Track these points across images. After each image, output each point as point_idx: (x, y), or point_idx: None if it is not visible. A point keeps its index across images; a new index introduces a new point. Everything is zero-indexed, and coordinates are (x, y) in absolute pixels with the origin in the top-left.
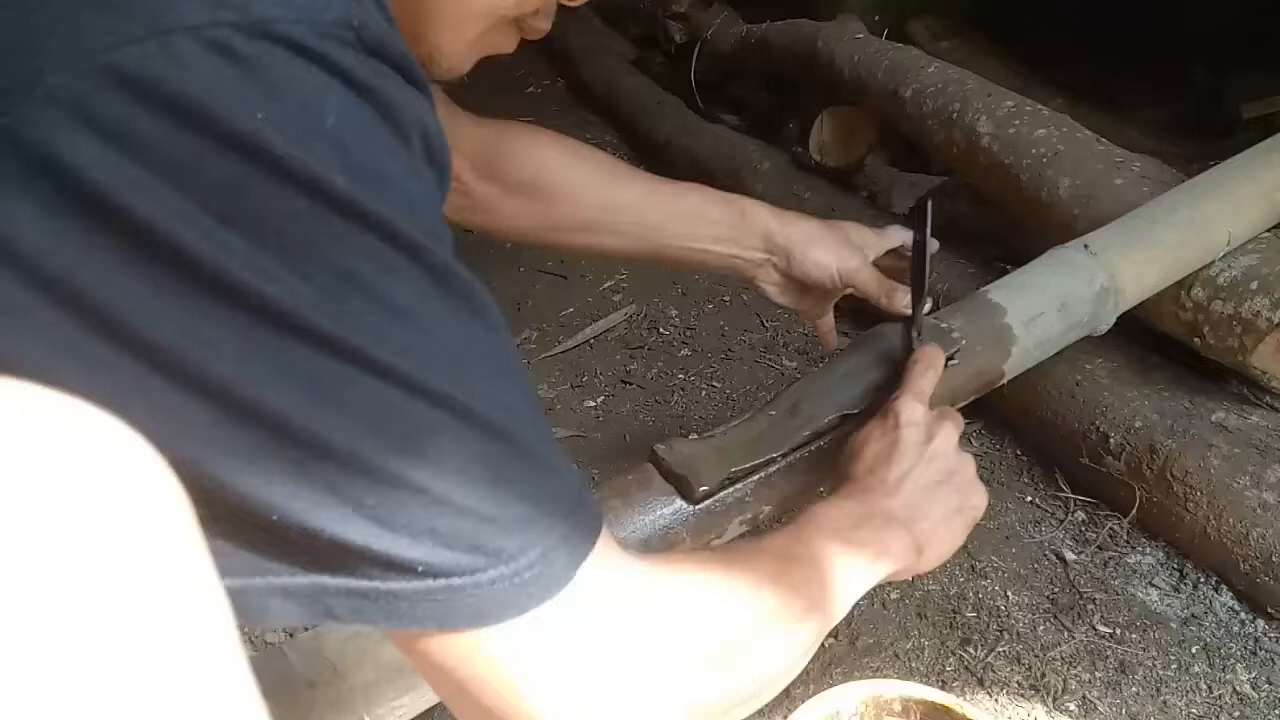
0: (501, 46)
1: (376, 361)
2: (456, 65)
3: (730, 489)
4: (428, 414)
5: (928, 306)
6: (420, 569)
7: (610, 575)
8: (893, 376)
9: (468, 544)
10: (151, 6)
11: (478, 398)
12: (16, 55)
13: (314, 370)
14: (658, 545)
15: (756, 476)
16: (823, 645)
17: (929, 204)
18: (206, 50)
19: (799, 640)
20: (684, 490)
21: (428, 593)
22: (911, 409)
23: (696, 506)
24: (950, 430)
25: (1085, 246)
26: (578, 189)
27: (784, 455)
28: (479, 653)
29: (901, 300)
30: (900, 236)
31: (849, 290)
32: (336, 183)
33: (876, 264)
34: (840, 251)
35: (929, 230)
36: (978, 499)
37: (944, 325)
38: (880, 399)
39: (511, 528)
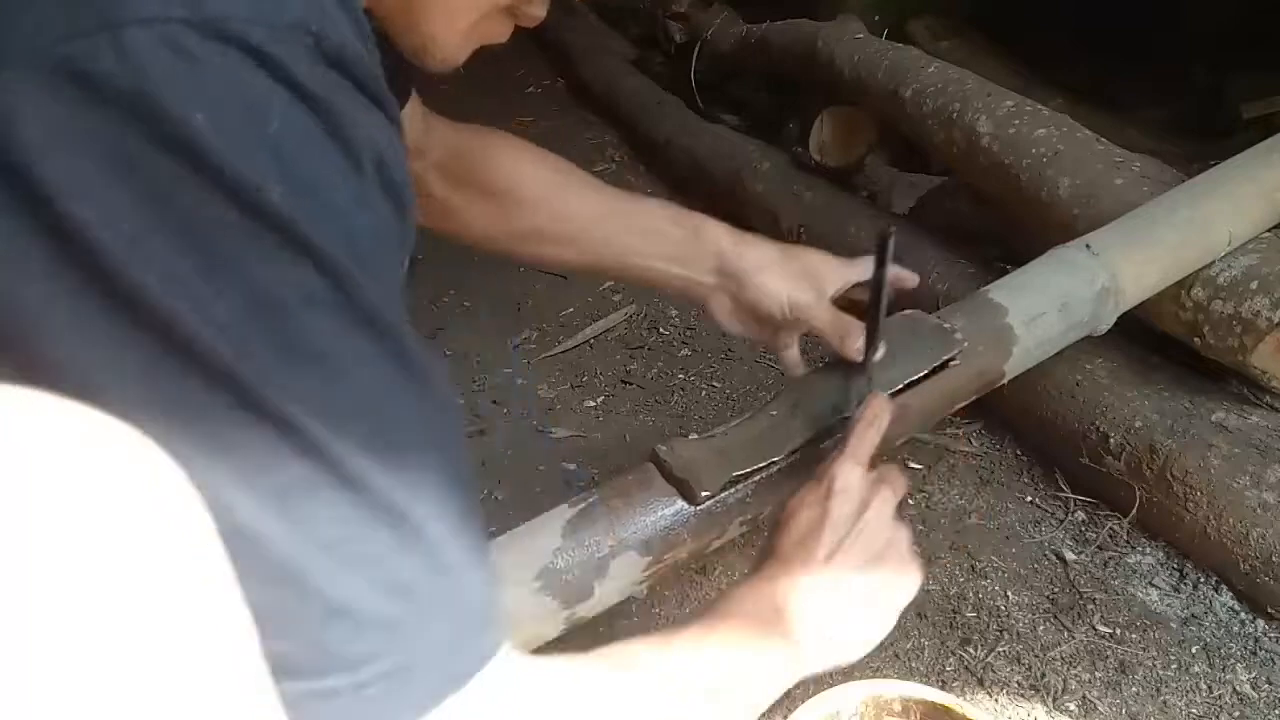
0: (495, 35)
1: (269, 406)
2: (451, 56)
3: (731, 491)
4: (308, 471)
5: (879, 353)
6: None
7: (482, 714)
8: (903, 373)
9: (308, 639)
10: (105, 2)
11: (375, 465)
12: None
13: (206, 407)
14: (659, 546)
15: (757, 478)
16: None
17: (890, 240)
18: (156, 45)
19: None
20: (686, 493)
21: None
22: (847, 475)
23: (698, 509)
24: (886, 498)
25: (1087, 246)
26: (538, 199)
27: (785, 457)
28: None
29: (854, 344)
30: (865, 272)
31: (802, 326)
32: (271, 196)
33: (843, 298)
34: (796, 282)
35: (887, 268)
36: (911, 574)
37: (946, 325)
38: (825, 450)
39: (366, 628)
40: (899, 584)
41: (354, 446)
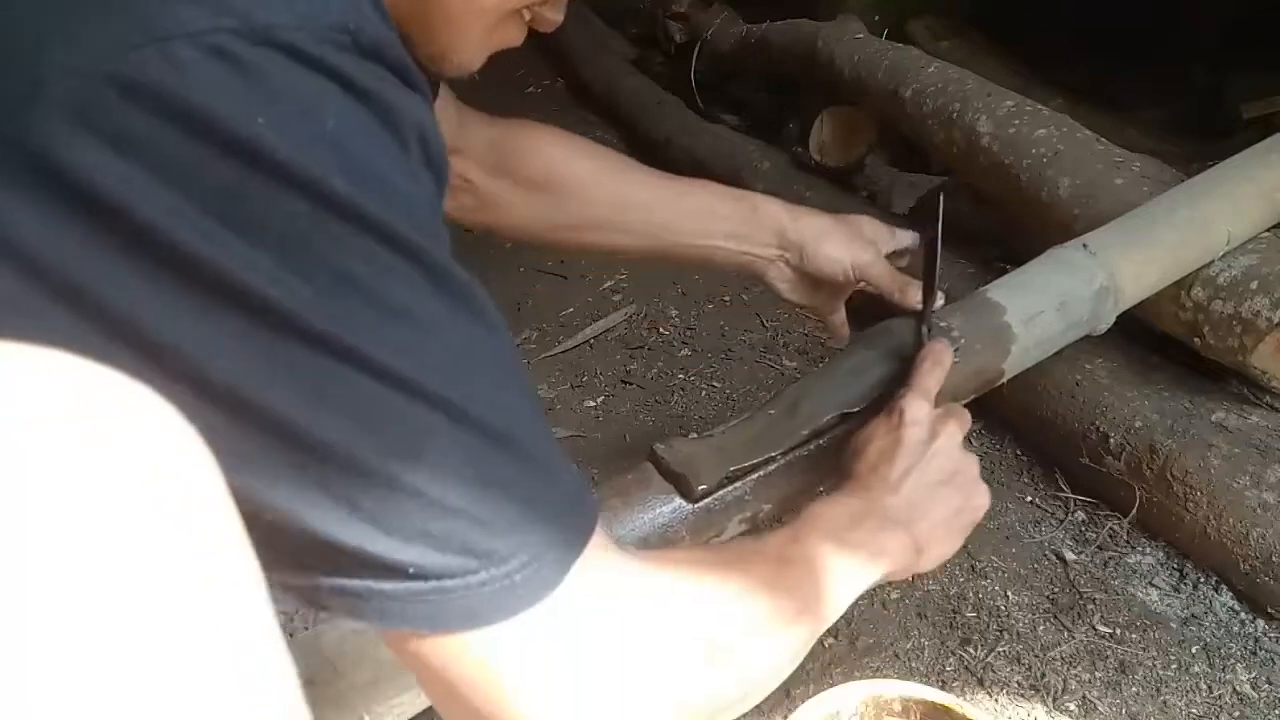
0: (511, 40)
1: (373, 362)
2: (468, 62)
3: (729, 487)
4: (424, 415)
5: (939, 302)
6: (411, 570)
7: (600, 578)
8: (899, 373)
9: (459, 546)
10: (152, 13)
11: (474, 399)
12: (20, 62)
13: (312, 372)
14: (657, 543)
15: (756, 475)
16: (823, 645)
17: (940, 199)
18: (207, 56)
19: (789, 643)
20: (683, 489)
21: (419, 594)
22: (916, 407)
23: (696, 505)
24: (954, 429)
25: (1084, 246)
26: (588, 186)
27: (783, 454)
28: (468, 655)
29: (914, 295)
30: (909, 238)
31: (861, 286)
32: (336, 185)
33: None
34: (853, 246)
35: (940, 225)
36: (980, 499)
37: (943, 324)
38: (885, 395)
39: (503, 530)
40: (969, 505)
41: (457, 388)
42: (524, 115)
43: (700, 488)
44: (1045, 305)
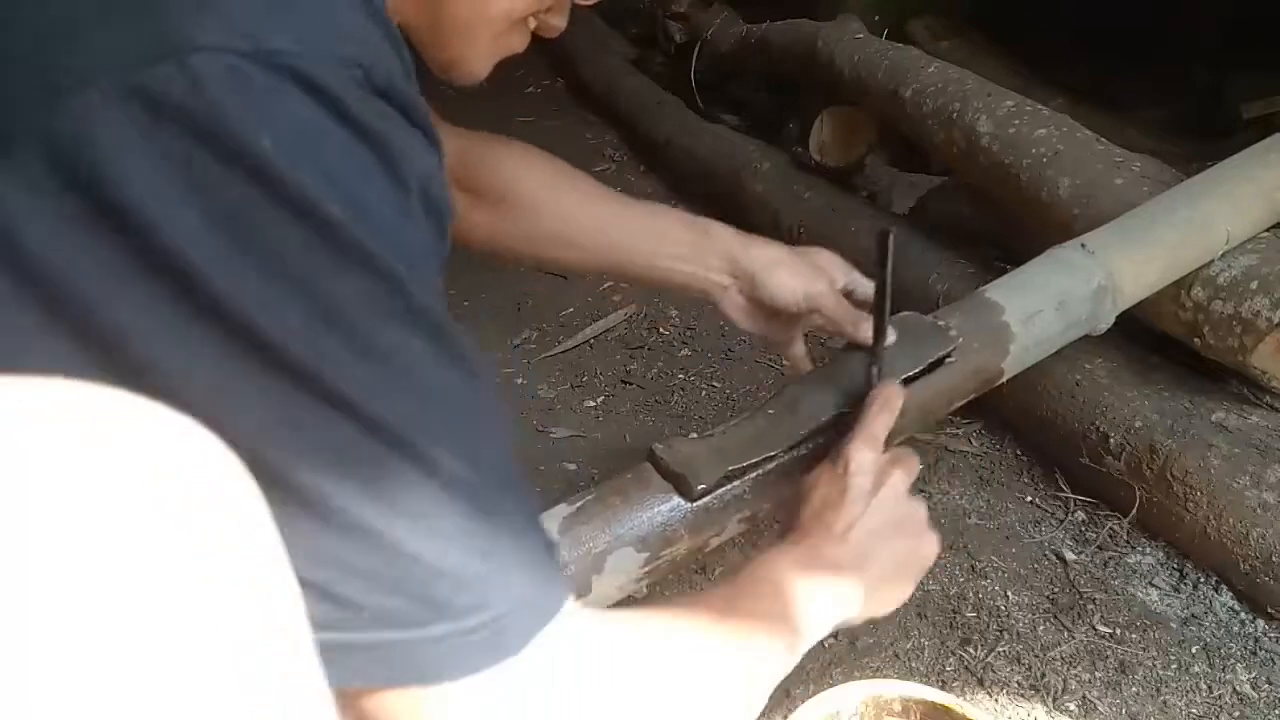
0: (516, 47)
1: (347, 400)
2: (478, 70)
3: (728, 486)
4: (392, 459)
5: (889, 339)
6: (365, 614)
7: (564, 651)
8: (898, 370)
9: (417, 593)
10: (170, 29)
11: (448, 448)
12: (44, 72)
13: (286, 402)
14: (656, 542)
15: (755, 474)
16: (823, 645)
17: (890, 236)
18: (221, 75)
19: (744, 700)
20: (682, 488)
21: (371, 643)
22: (862, 455)
23: (694, 504)
24: (901, 476)
25: (1083, 246)
26: (543, 202)
27: (783, 453)
28: (419, 713)
29: (867, 330)
30: (864, 283)
31: (814, 318)
32: (332, 213)
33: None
34: (806, 276)
35: (889, 266)
36: (928, 546)
37: (941, 323)
38: (843, 429)
39: (466, 583)
40: (917, 553)
41: (427, 434)
42: (524, 115)
43: (699, 487)
44: (1044, 305)
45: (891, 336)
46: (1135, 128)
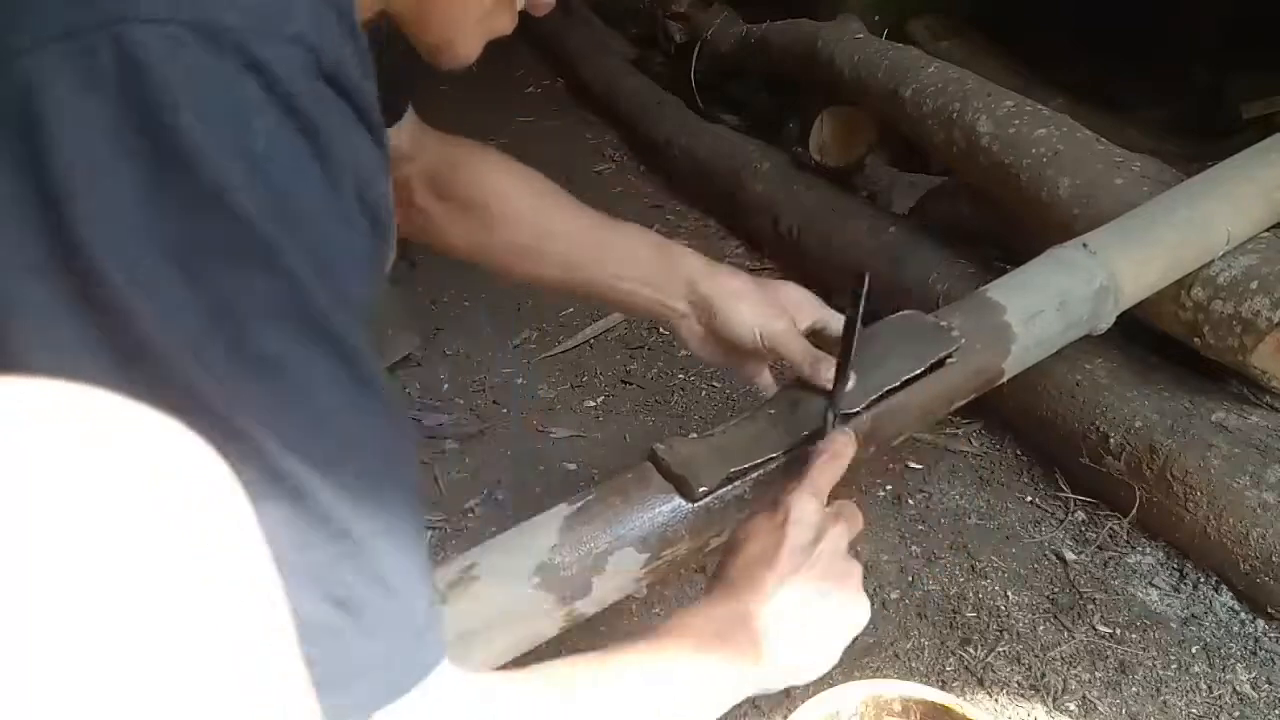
0: (503, 28)
1: (218, 411)
2: (466, 53)
3: (729, 487)
4: (262, 482)
5: (850, 384)
6: None
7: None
8: (899, 370)
9: None
10: None
11: (322, 479)
12: None
13: (155, 398)
14: (656, 542)
15: (755, 475)
16: None
17: (867, 278)
18: (156, 45)
19: None
20: (683, 490)
21: None
22: (803, 506)
23: (695, 505)
24: (840, 532)
25: (1084, 245)
26: (516, 213)
27: (783, 454)
28: None
29: (825, 373)
30: (836, 320)
31: (773, 354)
32: (239, 203)
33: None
34: (766, 311)
35: (861, 310)
36: (859, 614)
37: (943, 324)
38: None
39: (312, 636)
40: (846, 618)
41: (301, 458)
42: (524, 115)
43: (700, 489)
44: (1045, 304)
45: (852, 381)
46: (1135, 128)
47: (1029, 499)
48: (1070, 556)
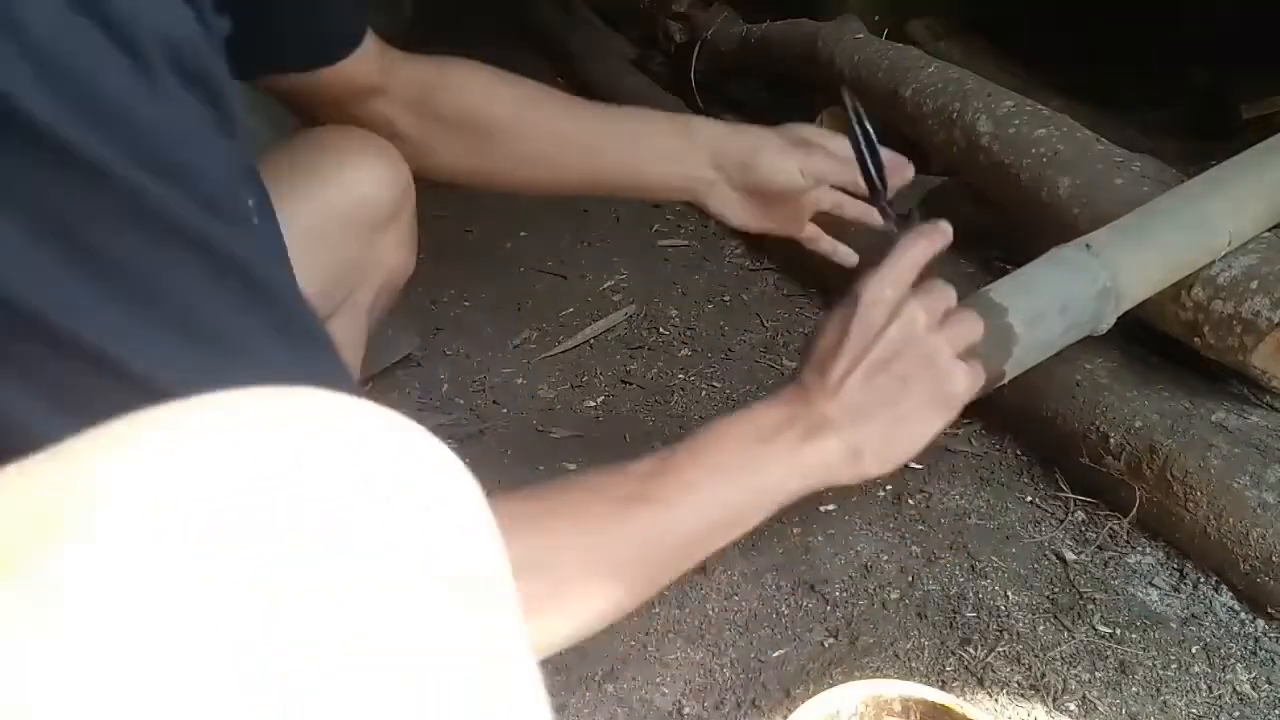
0: None
1: (75, 338)
2: None
3: None
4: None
5: (888, 192)
6: None
7: None
8: None
9: None
10: None
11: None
12: None
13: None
14: None
15: None
16: (822, 645)
17: (845, 92)
18: None
19: (614, 595)
20: None
21: None
22: (875, 288)
23: None
24: (915, 309)
25: (1087, 246)
26: (525, 123)
27: None
28: None
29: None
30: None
31: (818, 195)
32: (26, 104)
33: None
34: (796, 151)
35: (864, 121)
36: (953, 384)
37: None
38: None
39: None
40: (928, 398)
41: (171, 370)
42: None
43: None
44: (1048, 307)
45: (890, 191)
46: (1135, 128)
47: (1029, 499)
48: (1070, 556)
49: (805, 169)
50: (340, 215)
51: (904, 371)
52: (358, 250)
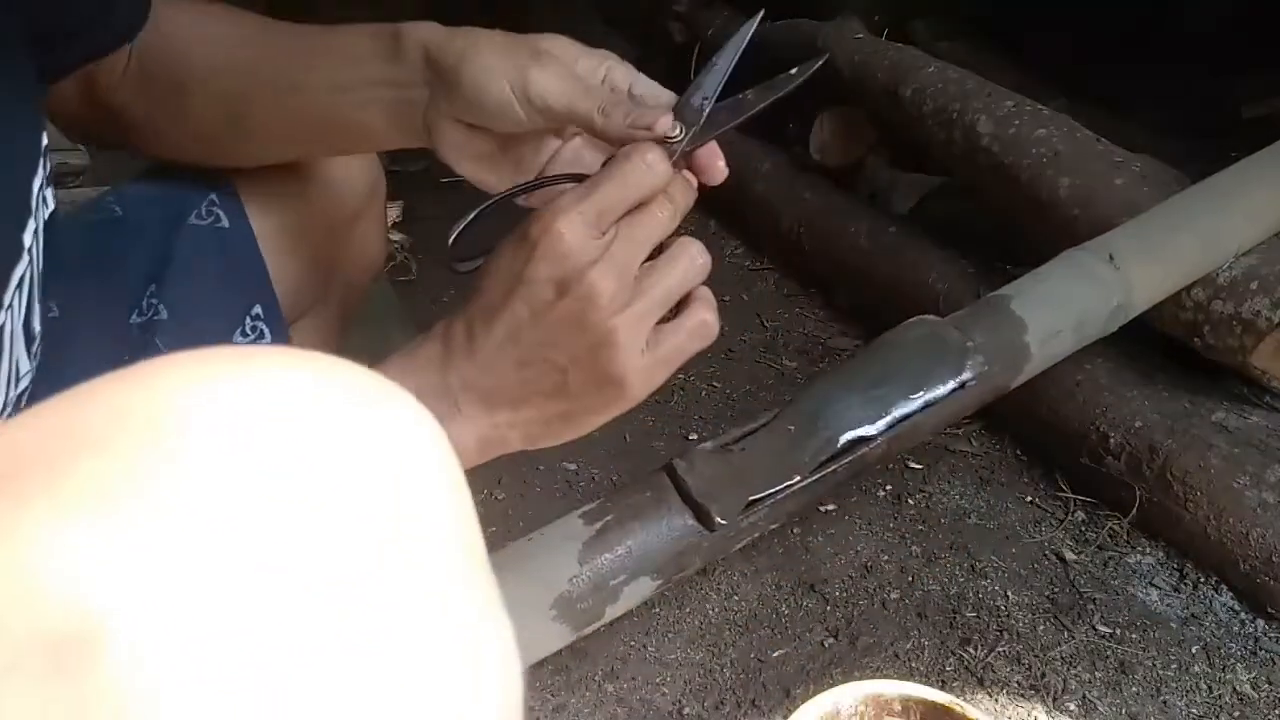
0: None
1: None
2: None
3: (749, 514)
4: None
5: (703, 100)
6: None
7: None
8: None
9: None
10: None
11: None
12: None
13: None
14: (671, 568)
15: (776, 499)
16: (822, 645)
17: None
18: None
19: None
20: (703, 519)
21: None
22: (562, 230)
23: (714, 533)
24: (595, 279)
25: (1110, 257)
26: (209, 63)
27: (804, 478)
28: None
29: (620, 118)
30: (654, 90)
31: (549, 118)
32: None
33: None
34: (530, 60)
35: (746, 39)
36: (619, 370)
37: (969, 344)
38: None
39: None
40: (593, 395)
41: None
42: None
43: (721, 521)
44: (1064, 324)
45: (705, 102)
46: (1135, 128)
47: (1029, 499)
48: (1070, 556)
49: (526, 87)
50: (311, 210)
51: (562, 360)
52: (329, 245)
